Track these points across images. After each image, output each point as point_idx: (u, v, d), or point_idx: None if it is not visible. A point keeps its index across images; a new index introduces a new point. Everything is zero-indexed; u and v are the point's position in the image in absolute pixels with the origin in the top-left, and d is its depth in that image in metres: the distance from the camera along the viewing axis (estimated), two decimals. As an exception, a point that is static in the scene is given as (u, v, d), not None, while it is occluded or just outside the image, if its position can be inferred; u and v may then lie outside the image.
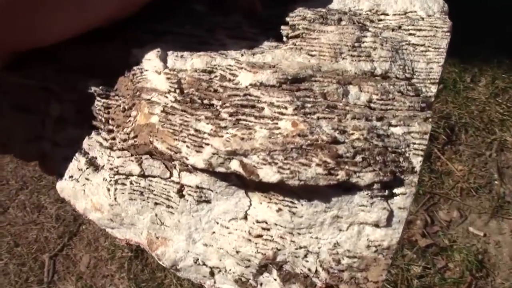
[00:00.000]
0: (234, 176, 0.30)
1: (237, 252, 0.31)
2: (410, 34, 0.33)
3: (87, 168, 0.35)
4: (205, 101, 0.31)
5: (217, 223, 0.31)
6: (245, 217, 0.31)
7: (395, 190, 0.29)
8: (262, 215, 0.30)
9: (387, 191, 0.29)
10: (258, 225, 0.30)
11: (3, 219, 1.49)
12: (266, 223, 0.30)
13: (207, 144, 0.30)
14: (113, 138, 0.34)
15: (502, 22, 1.80)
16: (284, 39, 0.34)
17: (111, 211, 0.34)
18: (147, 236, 0.33)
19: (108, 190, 0.33)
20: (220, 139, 0.30)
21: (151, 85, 0.32)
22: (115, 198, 0.33)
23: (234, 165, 0.29)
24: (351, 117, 0.29)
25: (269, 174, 0.29)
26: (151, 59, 0.32)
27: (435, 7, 0.35)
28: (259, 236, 0.30)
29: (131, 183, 0.33)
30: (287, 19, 0.34)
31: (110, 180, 0.33)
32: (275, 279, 0.31)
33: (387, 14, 0.35)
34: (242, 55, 0.33)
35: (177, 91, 0.32)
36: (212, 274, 0.32)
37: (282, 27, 0.34)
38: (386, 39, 0.33)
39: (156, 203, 0.32)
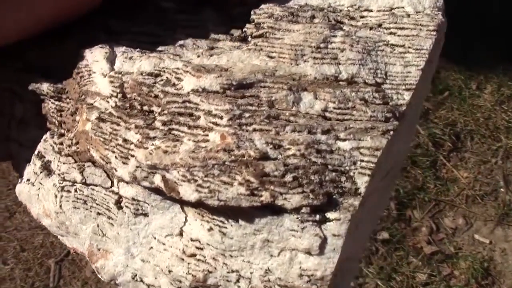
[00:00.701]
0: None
1: (169, 271, 0.29)
2: (390, 33, 0.30)
3: (41, 172, 0.33)
4: (145, 107, 0.29)
5: (155, 238, 0.29)
6: (181, 234, 0.29)
7: (329, 215, 0.26)
8: (196, 233, 0.28)
9: (318, 216, 0.26)
10: (192, 243, 0.28)
11: (10, 224, 1.50)
12: (200, 242, 0.28)
13: (132, 156, 0.28)
14: (61, 143, 0.32)
15: (508, 29, 1.80)
16: (249, 38, 0.31)
17: (57, 219, 0.32)
18: (88, 247, 0.31)
19: (56, 196, 0.32)
20: (143, 151, 0.28)
21: (95, 89, 0.30)
22: (60, 206, 0.32)
23: (157, 180, 0.27)
24: (291, 129, 0.27)
25: (188, 192, 0.26)
26: (98, 61, 0.30)
27: (426, 2, 0.32)
28: (193, 255, 0.28)
29: (75, 190, 0.31)
30: (253, 16, 0.32)
31: (58, 187, 0.32)
32: None
33: (371, 10, 0.32)
34: (198, 56, 0.30)
35: (119, 95, 0.30)
36: None
37: (247, 25, 0.32)
38: (359, 39, 0.30)
39: (98, 213, 0.30)
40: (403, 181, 1.47)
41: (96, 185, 0.31)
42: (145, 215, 0.29)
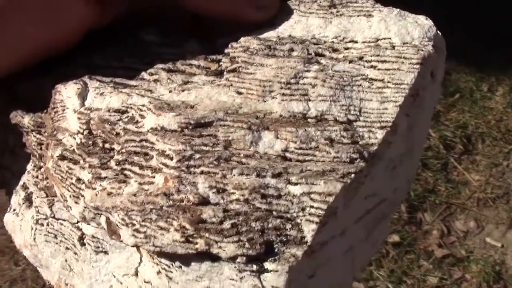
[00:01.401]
0: None
1: None
2: (371, 67, 0.29)
3: (23, 203, 0.33)
4: (107, 145, 0.29)
5: (114, 276, 0.28)
6: (136, 274, 0.28)
7: (267, 265, 0.24)
8: (148, 275, 0.27)
9: (254, 266, 0.24)
10: (145, 285, 0.27)
11: (21, 225, 1.51)
12: (151, 284, 0.27)
13: (82, 196, 0.27)
14: (37, 176, 0.32)
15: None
16: (224, 73, 0.30)
17: (32, 251, 0.32)
18: (57, 282, 0.30)
19: (31, 229, 0.32)
20: (91, 192, 0.27)
21: (66, 125, 0.30)
22: (34, 238, 0.31)
23: (102, 222, 0.27)
24: (239, 172, 0.25)
25: (126, 237, 0.25)
26: (71, 97, 0.30)
27: (415, 33, 0.30)
28: None
29: (47, 224, 0.31)
30: (229, 50, 0.31)
31: (34, 219, 0.31)
32: None
33: (356, 42, 0.30)
34: (170, 91, 0.29)
35: (85, 132, 0.29)
36: None
37: (223, 59, 0.31)
38: (333, 73, 0.29)
39: (67, 248, 0.30)
40: (414, 183, 1.47)
41: (64, 220, 0.30)
42: (105, 253, 0.29)
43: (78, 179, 0.28)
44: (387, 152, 0.29)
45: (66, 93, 0.30)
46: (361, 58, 0.30)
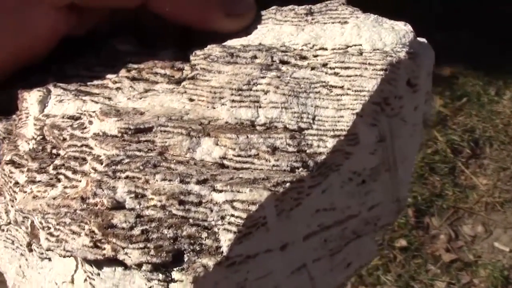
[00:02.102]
0: None
1: None
2: (333, 74, 0.28)
3: None
4: (54, 151, 0.28)
5: (56, 283, 0.28)
6: (72, 281, 0.27)
7: (174, 275, 0.23)
8: (80, 283, 0.26)
9: (160, 275, 0.23)
10: None
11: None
12: None
13: (16, 199, 0.27)
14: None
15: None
16: (184, 81, 0.30)
17: None
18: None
19: None
20: (21, 195, 0.27)
21: (25, 131, 0.30)
22: None
23: (29, 225, 0.26)
24: (161, 177, 0.24)
25: (42, 240, 0.25)
26: (33, 104, 0.30)
27: (388, 39, 0.29)
28: None
29: (7, 230, 0.30)
30: (191, 57, 0.30)
31: None
32: None
33: (326, 49, 0.30)
34: (128, 99, 0.29)
35: (39, 138, 0.29)
36: None
37: (185, 67, 0.30)
38: (289, 80, 0.28)
39: (21, 254, 0.29)
40: (421, 188, 1.46)
41: (20, 226, 0.29)
42: (49, 259, 0.28)
43: (16, 183, 0.28)
44: (346, 164, 0.28)
45: (30, 100, 0.30)
46: (325, 65, 0.29)
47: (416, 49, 0.30)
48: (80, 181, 0.26)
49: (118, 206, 0.24)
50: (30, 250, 0.28)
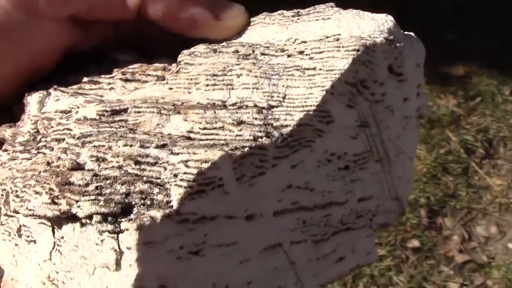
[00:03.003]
0: None
1: None
2: (308, 58, 0.29)
3: None
4: (43, 139, 0.30)
5: (39, 264, 0.28)
6: (50, 258, 0.27)
7: (123, 225, 0.23)
8: (52, 255, 0.27)
9: (109, 225, 0.24)
10: (53, 267, 0.27)
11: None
12: (55, 264, 0.27)
13: None
14: None
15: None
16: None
17: None
18: (4, 278, 0.30)
19: None
20: (1, 170, 0.28)
21: (23, 128, 0.31)
22: None
23: (4, 194, 0.27)
24: (123, 143, 0.26)
25: (10, 203, 0.26)
26: (33, 104, 0.31)
27: (366, 27, 0.30)
28: (51, 280, 0.26)
29: (5, 223, 0.31)
30: (178, 56, 0.31)
31: None
32: None
33: (305, 42, 0.31)
34: (118, 95, 0.31)
35: (33, 131, 0.30)
36: None
37: (173, 65, 0.32)
38: (263, 65, 0.29)
39: (16, 244, 0.30)
40: (434, 188, 1.46)
41: (14, 216, 0.30)
42: (34, 242, 0.28)
43: (1, 164, 0.29)
44: (319, 142, 0.28)
45: (32, 101, 0.31)
46: (301, 53, 0.30)
47: (397, 37, 0.30)
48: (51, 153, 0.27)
49: (78, 167, 0.25)
50: (20, 236, 0.29)
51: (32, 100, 0.31)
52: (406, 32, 0.32)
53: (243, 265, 0.28)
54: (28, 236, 0.28)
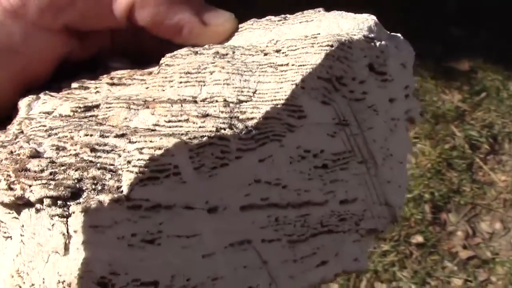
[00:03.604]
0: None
1: None
2: (283, 55, 0.29)
3: None
4: (21, 135, 0.30)
5: (13, 260, 0.28)
6: (20, 251, 0.27)
7: (71, 209, 0.23)
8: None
9: (58, 209, 0.24)
10: (17, 259, 0.27)
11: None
12: (21, 256, 0.27)
13: None
14: None
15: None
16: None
17: None
18: None
19: None
20: None
21: (10, 131, 0.31)
22: None
23: None
24: (84, 133, 0.26)
25: None
26: (22, 108, 0.31)
27: (345, 26, 0.30)
28: (19, 273, 0.26)
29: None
30: (161, 59, 0.32)
31: None
32: None
33: (283, 41, 0.31)
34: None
35: (17, 131, 0.30)
36: None
37: (156, 68, 0.32)
38: (236, 63, 0.29)
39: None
40: (438, 183, 1.45)
41: None
42: (11, 238, 0.27)
43: None
44: (290, 137, 0.28)
45: (22, 105, 0.31)
46: (278, 51, 0.30)
47: (378, 36, 0.30)
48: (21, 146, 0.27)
49: (37, 155, 0.26)
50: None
51: (22, 103, 0.31)
52: (393, 33, 0.32)
53: (207, 260, 0.27)
54: (5, 232, 0.28)
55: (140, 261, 0.25)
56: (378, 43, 0.30)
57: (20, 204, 0.25)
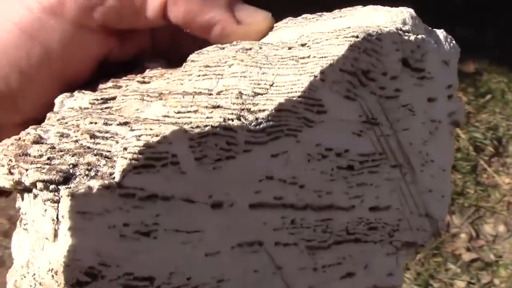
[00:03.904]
0: None
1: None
2: (308, 49, 0.27)
3: None
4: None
5: (28, 251, 0.28)
6: (29, 242, 0.28)
7: (61, 193, 0.23)
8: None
9: (49, 193, 0.23)
10: (30, 249, 0.27)
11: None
12: (28, 246, 0.27)
13: None
14: None
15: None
16: None
17: None
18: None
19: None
20: None
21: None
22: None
23: None
24: (89, 121, 0.26)
25: None
26: (56, 104, 0.31)
27: (378, 19, 0.28)
28: (27, 264, 0.26)
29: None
30: (190, 55, 0.31)
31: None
32: None
33: (310, 35, 0.30)
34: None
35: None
36: None
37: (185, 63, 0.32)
38: (256, 56, 0.28)
39: (18, 233, 0.30)
40: (442, 185, 1.45)
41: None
42: (27, 230, 0.27)
43: None
44: (307, 133, 0.26)
45: (56, 102, 0.31)
46: (303, 45, 0.28)
47: (414, 29, 0.28)
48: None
49: (40, 141, 0.25)
50: (20, 226, 0.29)
51: (57, 100, 0.31)
52: (436, 30, 0.30)
53: (210, 259, 0.26)
54: (25, 225, 0.27)
55: (134, 254, 0.24)
56: (413, 37, 0.28)
57: (21, 190, 0.25)
